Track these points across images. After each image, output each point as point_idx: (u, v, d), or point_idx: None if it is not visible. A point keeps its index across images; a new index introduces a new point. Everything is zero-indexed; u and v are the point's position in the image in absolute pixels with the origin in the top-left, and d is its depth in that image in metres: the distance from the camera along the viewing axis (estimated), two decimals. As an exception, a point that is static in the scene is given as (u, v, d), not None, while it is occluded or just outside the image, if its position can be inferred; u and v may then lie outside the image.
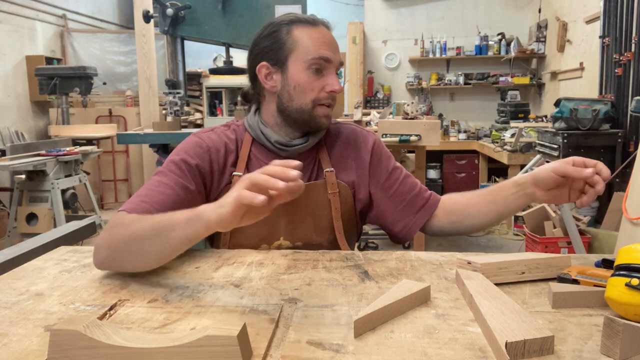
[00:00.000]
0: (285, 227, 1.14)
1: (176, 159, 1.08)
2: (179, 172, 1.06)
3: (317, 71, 1.08)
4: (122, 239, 0.87)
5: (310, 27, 1.09)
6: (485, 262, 0.85)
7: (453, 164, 6.05)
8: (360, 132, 1.23)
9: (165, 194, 1.01)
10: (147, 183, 1.06)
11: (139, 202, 0.99)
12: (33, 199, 3.50)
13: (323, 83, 1.09)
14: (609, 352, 0.60)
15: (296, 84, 1.09)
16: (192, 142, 1.13)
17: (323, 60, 1.08)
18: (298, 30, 1.09)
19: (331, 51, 1.09)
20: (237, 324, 0.59)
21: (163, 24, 2.90)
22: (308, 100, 1.09)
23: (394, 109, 4.16)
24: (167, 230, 0.81)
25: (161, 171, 1.07)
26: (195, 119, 5.84)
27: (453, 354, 0.62)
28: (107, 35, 6.13)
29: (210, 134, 1.16)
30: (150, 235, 0.83)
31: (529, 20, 6.37)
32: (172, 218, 0.81)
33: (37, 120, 5.33)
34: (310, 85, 1.08)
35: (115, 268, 0.92)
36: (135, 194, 1.02)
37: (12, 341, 0.67)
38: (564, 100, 3.71)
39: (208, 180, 1.11)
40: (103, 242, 0.91)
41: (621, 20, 3.74)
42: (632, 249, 0.68)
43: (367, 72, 6.72)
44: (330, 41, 1.10)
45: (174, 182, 1.04)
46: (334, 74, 1.09)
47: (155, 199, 1.00)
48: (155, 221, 0.84)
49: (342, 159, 1.18)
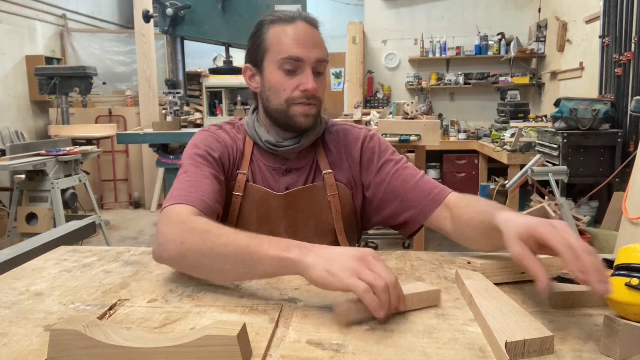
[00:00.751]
0: (286, 230, 1.13)
1: (200, 152, 1.07)
2: (208, 164, 1.06)
3: (289, 71, 1.06)
4: (199, 249, 0.82)
5: (285, 25, 1.07)
6: (485, 262, 0.85)
7: (453, 164, 6.04)
8: (352, 130, 1.21)
9: (207, 183, 1.00)
10: (180, 178, 1.02)
11: (189, 193, 0.96)
12: (33, 199, 3.50)
13: (297, 82, 1.06)
14: (609, 352, 0.60)
15: (270, 85, 1.08)
16: (209, 137, 1.13)
17: (293, 60, 1.05)
18: (273, 30, 1.07)
19: (304, 49, 1.05)
20: (237, 324, 0.59)
21: (163, 24, 2.90)
22: (282, 101, 1.07)
23: (394, 109, 4.16)
24: (254, 261, 0.77)
25: (189, 165, 1.05)
26: (195, 119, 5.85)
27: (453, 354, 0.62)
28: (107, 35, 6.14)
29: (221, 132, 1.16)
30: (234, 260, 0.79)
31: (529, 20, 6.37)
32: (260, 249, 0.77)
33: (37, 120, 5.33)
34: (282, 86, 1.07)
35: (183, 271, 0.89)
36: (176, 188, 0.99)
37: (12, 341, 0.67)
38: (564, 100, 3.71)
39: (227, 173, 1.12)
40: (173, 240, 0.85)
41: (621, 20, 3.74)
42: (632, 249, 0.68)
43: (367, 72, 6.72)
44: (305, 38, 1.06)
45: (209, 173, 1.04)
46: (308, 72, 1.05)
47: (202, 189, 0.98)
48: (241, 245, 0.79)
49: (338, 160, 1.17)
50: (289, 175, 1.15)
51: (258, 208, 1.12)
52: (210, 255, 0.81)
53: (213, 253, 0.80)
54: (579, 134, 3.61)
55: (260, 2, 2.89)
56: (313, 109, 1.08)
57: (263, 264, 0.76)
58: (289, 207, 1.13)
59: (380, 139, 1.21)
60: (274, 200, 1.12)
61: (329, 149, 1.18)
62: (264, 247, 0.77)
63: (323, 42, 1.10)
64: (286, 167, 1.15)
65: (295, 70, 1.06)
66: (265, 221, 1.13)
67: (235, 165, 1.14)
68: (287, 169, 1.15)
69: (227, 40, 3.02)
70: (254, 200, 1.12)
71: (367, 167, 1.17)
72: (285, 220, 1.13)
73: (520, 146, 4.44)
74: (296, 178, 1.15)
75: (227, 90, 6.30)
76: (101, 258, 1.04)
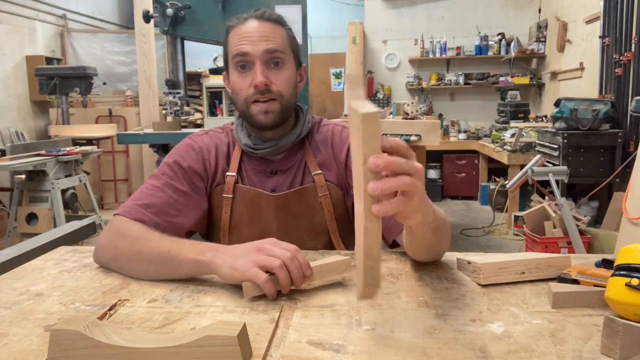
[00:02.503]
0: (278, 231, 1.13)
1: (169, 162, 1.12)
2: (171, 174, 1.09)
3: (242, 67, 1.06)
4: (127, 253, 0.91)
5: (239, 26, 1.07)
6: (485, 262, 0.85)
7: (453, 164, 6.05)
8: (342, 131, 1.19)
9: (157, 196, 1.05)
10: (142, 186, 1.09)
11: (134, 206, 1.02)
12: (33, 199, 3.50)
13: (250, 79, 1.05)
14: (609, 352, 0.60)
15: (232, 87, 1.10)
16: (184, 145, 1.16)
17: (240, 56, 1.04)
18: (232, 33, 1.08)
19: (249, 43, 1.04)
20: (237, 324, 0.59)
21: (163, 24, 2.90)
22: (242, 101, 1.08)
23: (394, 109, 4.16)
24: (174, 264, 0.86)
25: (155, 174, 1.11)
26: (195, 119, 5.85)
27: (453, 354, 0.62)
28: (107, 35, 6.13)
29: (203, 137, 1.18)
30: (157, 262, 0.88)
31: (529, 20, 6.37)
32: (180, 254, 0.86)
33: (37, 120, 5.33)
34: (238, 85, 1.07)
35: (117, 271, 0.95)
36: (131, 197, 1.06)
37: (12, 341, 0.67)
38: (564, 100, 3.71)
39: (204, 179, 1.13)
40: (106, 246, 0.95)
41: (621, 20, 3.74)
42: (632, 249, 0.68)
43: (367, 72, 6.72)
44: (250, 33, 1.05)
45: (166, 185, 1.07)
46: (256, 66, 1.04)
47: (148, 202, 1.03)
48: (163, 250, 0.88)
49: (327, 160, 1.16)
50: (274, 177, 1.14)
51: (248, 209, 1.13)
52: (138, 258, 0.90)
53: (140, 256, 0.90)
54: (579, 134, 3.61)
55: (260, 2, 2.89)
56: (272, 105, 1.06)
57: (182, 266, 0.86)
58: (280, 208, 1.12)
59: None
60: (265, 201, 1.12)
61: (318, 149, 1.17)
62: (183, 251, 0.86)
63: (277, 33, 1.07)
64: (271, 169, 1.14)
65: (247, 67, 1.06)
66: (257, 222, 1.13)
67: (218, 168, 1.14)
68: (272, 171, 1.15)
69: (227, 40, 3.02)
70: (243, 201, 1.12)
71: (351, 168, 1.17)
72: (277, 221, 1.13)
73: (520, 146, 4.44)
74: (282, 180, 1.14)
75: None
76: (101, 258, 1.04)
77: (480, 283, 0.84)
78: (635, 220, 2.44)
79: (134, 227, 0.96)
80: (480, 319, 0.71)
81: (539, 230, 3.30)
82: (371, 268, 0.65)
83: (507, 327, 0.68)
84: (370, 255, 0.64)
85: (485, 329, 0.68)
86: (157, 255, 0.88)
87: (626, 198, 2.57)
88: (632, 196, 2.54)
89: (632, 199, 2.53)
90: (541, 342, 0.64)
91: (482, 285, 0.83)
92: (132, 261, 0.91)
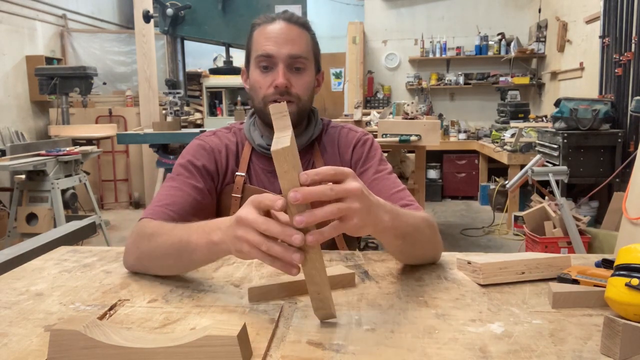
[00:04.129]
0: None
1: (183, 162, 1.13)
2: (187, 174, 1.10)
3: (264, 68, 1.08)
4: (147, 251, 0.89)
5: (265, 25, 1.09)
6: (485, 262, 0.85)
7: (453, 164, 6.05)
8: (348, 132, 1.21)
9: (177, 196, 1.06)
10: (161, 188, 1.10)
11: (156, 207, 1.03)
12: (33, 199, 3.50)
13: (271, 79, 1.07)
14: (609, 352, 0.60)
15: (251, 84, 1.12)
16: (195, 145, 1.17)
17: (264, 57, 1.07)
18: (257, 31, 1.10)
19: (275, 45, 1.06)
20: (237, 324, 0.59)
21: (163, 24, 2.90)
22: (260, 99, 1.10)
23: (394, 109, 4.16)
24: (189, 252, 0.80)
25: (171, 177, 1.11)
26: (195, 119, 5.85)
27: (453, 354, 0.62)
28: (107, 35, 6.13)
29: (212, 137, 1.19)
30: (173, 254, 0.84)
31: (529, 20, 6.37)
32: (190, 239, 0.79)
33: (37, 120, 5.33)
34: (258, 84, 1.09)
35: (145, 272, 0.93)
36: (152, 200, 1.07)
37: (12, 341, 0.67)
38: (564, 100, 3.71)
39: (215, 178, 1.15)
40: (130, 249, 0.94)
41: (621, 20, 3.74)
42: (632, 249, 0.68)
43: (367, 72, 6.72)
44: (277, 35, 1.07)
45: (184, 184, 1.08)
46: (279, 68, 1.06)
47: (168, 202, 1.04)
48: (175, 240, 0.82)
49: (333, 160, 1.18)
50: None
51: None
52: (156, 254, 0.87)
53: (158, 252, 0.87)
54: (579, 134, 3.61)
55: (260, 2, 2.89)
56: (289, 106, 1.06)
57: (196, 252, 0.79)
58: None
59: (372, 144, 1.19)
60: None
61: (326, 149, 1.19)
62: (193, 236, 0.79)
63: (302, 38, 1.09)
64: None
65: (269, 67, 1.08)
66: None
67: (228, 168, 1.16)
68: None
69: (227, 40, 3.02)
70: None
71: (354, 169, 1.17)
72: None
73: (520, 146, 4.44)
74: None
75: (227, 90, 6.30)
76: (101, 258, 1.04)
77: (480, 283, 0.84)
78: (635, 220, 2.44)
79: (151, 224, 0.94)
80: (480, 319, 0.71)
81: (539, 230, 3.30)
82: (317, 293, 0.66)
83: (507, 327, 0.68)
84: (313, 282, 0.65)
85: (485, 329, 0.68)
86: (172, 247, 0.84)
87: (626, 198, 2.57)
88: (632, 196, 2.54)
89: (632, 199, 2.53)
90: (541, 342, 0.64)
91: (482, 285, 0.84)
92: (153, 259, 0.88)
